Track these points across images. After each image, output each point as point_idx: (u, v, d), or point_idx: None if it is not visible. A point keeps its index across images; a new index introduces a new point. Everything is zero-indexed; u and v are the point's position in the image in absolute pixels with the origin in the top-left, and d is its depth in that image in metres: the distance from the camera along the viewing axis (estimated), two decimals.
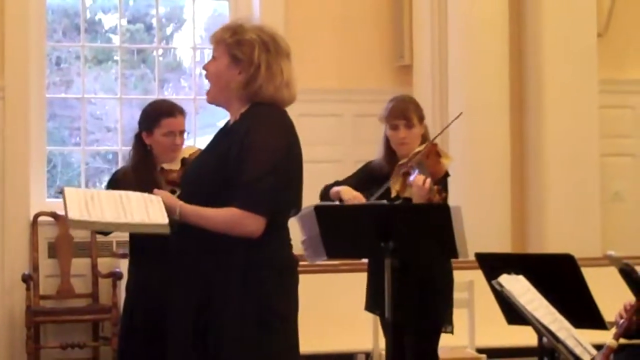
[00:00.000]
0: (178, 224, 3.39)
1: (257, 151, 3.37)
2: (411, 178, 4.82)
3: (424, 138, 5.12)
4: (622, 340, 4.55)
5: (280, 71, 3.51)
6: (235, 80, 3.49)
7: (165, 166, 4.69)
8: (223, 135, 3.56)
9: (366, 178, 5.11)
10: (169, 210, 3.36)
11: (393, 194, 4.90)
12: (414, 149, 4.99)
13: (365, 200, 4.91)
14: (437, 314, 5.01)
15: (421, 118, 5.13)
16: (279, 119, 3.49)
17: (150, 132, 4.71)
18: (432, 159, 4.93)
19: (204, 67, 3.61)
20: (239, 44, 3.49)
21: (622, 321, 4.49)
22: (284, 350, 3.45)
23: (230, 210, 3.34)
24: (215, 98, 3.59)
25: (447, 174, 5.04)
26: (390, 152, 5.14)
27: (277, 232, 3.43)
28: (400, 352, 4.94)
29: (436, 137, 5.08)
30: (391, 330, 4.57)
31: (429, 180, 4.71)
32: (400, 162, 4.97)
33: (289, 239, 3.54)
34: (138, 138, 4.75)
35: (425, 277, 4.93)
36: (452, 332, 5.07)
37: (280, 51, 3.53)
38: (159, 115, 4.72)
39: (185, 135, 4.80)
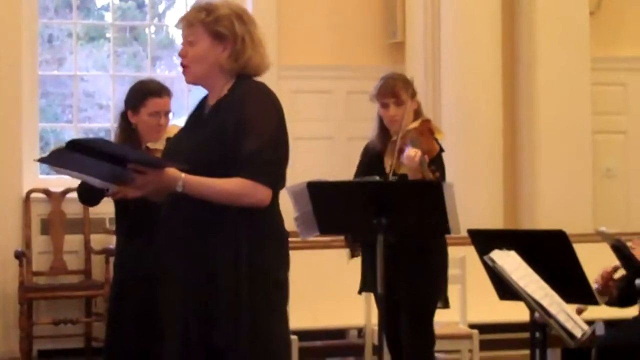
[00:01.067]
0: (171, 197, 3.39)
1: (257, 124, 3.37)
2: (404, 154, 4.83)
3: (417, 114, 5.12)
4: (613, 315, 4.60)
5: (260, 40, 3.53)
6: (222, 57, 3.48)
7: (150, 145, 4.68)
8: (211, 112, 3.53)
9: (368, 162, 5.14)
10: (171, 182, 3.33)
11: (387, 170, 4.91)
12: (406, 126, 4.99)
13: None
14: (431, 290, 5.02)
15: (412, 94, 5.12)
16: (268, 92, 3.49)
17: (136, 111, 4.70)
18: (426, 136, 4.93)
19: (181, 54, 3.54)
20: (218, 21, 3.48)
21: (597, 285, 4.57)
22: (281, 321, 3.47)
23: (239, 180, 3.34)
24: (198, 78, 3.56)
25: (441, 149, 5.05)
26: (383, 130, 5.15)
27: (273, 203, 3.44)
28: (393, 327, 4.96)
29: (412, 129, 5.06)
30: (384, 306, 4.58)
31: (419, 153, 4.72)
32: (393, 139, 4.97)
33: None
34: (124, 116, 4.75)
35: (418, 254, 4.95)
36: (448, 307, 5.09)
37: (253, 20, 3.55)
38: (145, 95, 4.71)
39: (171, 115, 4.80)
